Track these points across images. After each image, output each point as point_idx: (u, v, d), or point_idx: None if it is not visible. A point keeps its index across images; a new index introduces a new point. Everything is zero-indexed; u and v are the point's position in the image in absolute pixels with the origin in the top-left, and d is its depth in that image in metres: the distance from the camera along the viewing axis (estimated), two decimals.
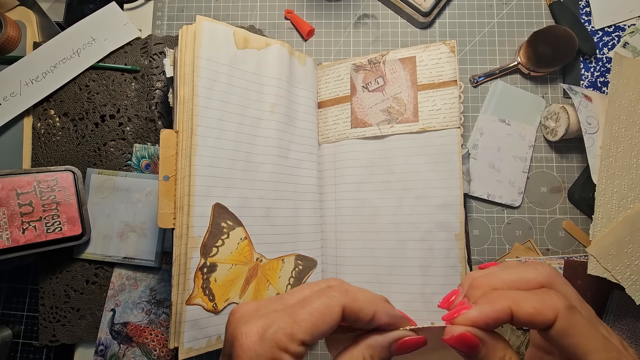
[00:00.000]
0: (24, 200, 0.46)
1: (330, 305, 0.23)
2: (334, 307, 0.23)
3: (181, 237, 0.40)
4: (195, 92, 0.42)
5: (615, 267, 0.43)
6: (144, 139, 0.52)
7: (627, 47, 0.52)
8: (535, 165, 0.52)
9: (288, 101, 0.48)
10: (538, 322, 0.21)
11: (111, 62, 0.54)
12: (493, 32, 0.54)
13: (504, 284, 0.23)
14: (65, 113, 0.53)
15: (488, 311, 0.22)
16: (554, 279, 0.23)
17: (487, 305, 0.22)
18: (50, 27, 0.54)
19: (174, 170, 0.41)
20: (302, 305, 0.23)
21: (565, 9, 0.52)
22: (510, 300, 0.21)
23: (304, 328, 0.22)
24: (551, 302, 0.21)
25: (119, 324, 0.50)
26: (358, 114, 0.50)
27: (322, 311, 0.23)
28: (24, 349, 0.51)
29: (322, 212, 0.51)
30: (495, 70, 0.53)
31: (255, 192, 0.45)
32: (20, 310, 0.52)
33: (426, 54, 0.48)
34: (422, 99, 0.48)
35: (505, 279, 0.23)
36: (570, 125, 0.47)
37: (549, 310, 0.21)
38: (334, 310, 0.23)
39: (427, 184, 0.47)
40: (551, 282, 0.23)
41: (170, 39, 0.54)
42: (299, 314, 0.23)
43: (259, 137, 0.46)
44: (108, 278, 0.51)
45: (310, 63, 0.52)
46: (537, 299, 0.21)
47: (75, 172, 0.49)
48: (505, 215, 0.51)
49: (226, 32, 0.45)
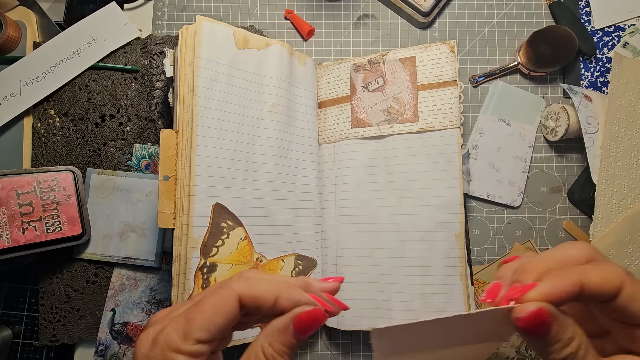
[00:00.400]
0: (24, 200, 0.46)
1: (224, 296, 0.22)
2: (228, 297, 0.22)
3: (181, 237, 0.40)
4: (195, 92, 0.42)
5: None
6: (144, 139, 0.52)
7: (627, 47, 0.52)
8: (535, 165, 0.52)
9: (288, 101, 0.48)
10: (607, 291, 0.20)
11: (111, 62, 0.54)
12: (493, 32, 0.54)
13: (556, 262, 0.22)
14: (65, 113, 0.53)
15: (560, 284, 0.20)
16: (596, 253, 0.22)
17: (557, 279, 0.20)
18: (50, 27, 0.54)
19: (174, 170, 0.41)
20: (197, 303, 0.23)
21: (565, 9, 0.52)
22: (577, 273, 0.20)
23: (197, 325, 0.22)
24: (614, 270, 0.20)
25: (119, 324, 0.50)
26: (358, 114, 0.50)
27: (215, 304, 0.22)
28: (24, 349, 0.51)
29: (322, 212, 0.51)
30: (495, 70, 0.53)
31: (255, 192, 0.45)
32: (20, 310, 0.52)
33: (426, 54, 0.48)
34: (422, 99, 0.48)
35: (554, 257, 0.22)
36: (570, 125, 0.47)
37: (615, 277, 0.20)
38: (228, 301, 0.22)
39: (427, 184, 0.47)
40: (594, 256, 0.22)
41: (170, 39, 0.54)
42: (192, 312, 0.22)
43: (259, 137, 0.46)
44: (108, 278, 0.51)
45: (310, 63, 0.52)
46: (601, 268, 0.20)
47: (75, 172, 0.49)
48: (505, 215, 0.51)
49: (226, 32, 0.45)
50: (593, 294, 0.20)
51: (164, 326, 0.22)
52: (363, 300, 0.46)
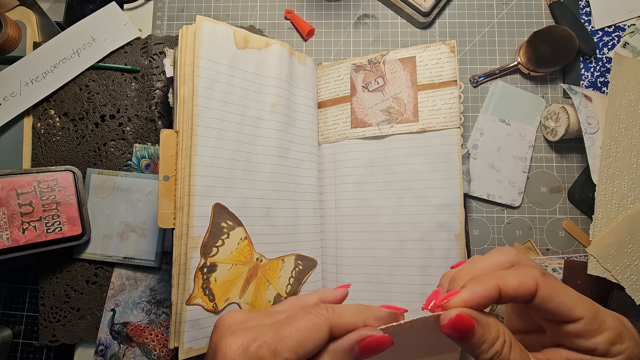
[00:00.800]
0: (24, 200, 0.46)
1: (317, 323, 0.23)
2: (321, 325, 0.23)
3: (181, 237, 0.40)
4: (195, 92, 0.42)
5: (615, 267, 0.43)
6: (144, 139, 0.52)
7: (627, 47, 0.52)
8: (535, 165, 0.52)
9: (288, 101, 0.48)
10: (523, 293, 0.22)
11: (111, 62, 0.54)
12: (493, 32, 0.54)
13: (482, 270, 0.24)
14: (65, 113, 0.53)
15: (479, 290, 0.22)
16: (520, 257, 0.24)
17: (476, 285, 0.22)
18: (50, 27, 0.54)
19: (174, 170, 0.41)
20: (289, 322, 0.23)
21: (565, 9, 0.52)
22: (496, 278, 0.22)
23: (289, 345, 0.22)
24: (530, 273, 0.22)
25: (119, 324, 0.50)
26: (358, 114, 0.50)
27: (308, 329, 0.22)
28: (24, 349, 0.51)
29: (322, 212, 0.51)
30: (495, 70, 0.53)
31: (255, 192, 0.45)
32: (20, 310, 0.52)
33: (426, 54, 0.48)
34: (422, 99, 0.48)
35: (482, 266, 0.24)
36: (570, 125, 0.47)
37: (530, 280, 0.22)
38: (321, 328, 0.23)
39: (427, 184, 0.47)
40: (518, 259, 0.24)
41: (170, 39, 0.54)
42: (285, 330, 0.22)
43: (259, 137, 0.46)
44: (108, 278, 0.51)
45: (310, 63, 0.52)
46: (517, 272, 0.22)
47: (75, 172, 0.49)
48: (505, 215, 0.51)
49: (226, 32, 0.45)
50: (510, 297, 0.22)
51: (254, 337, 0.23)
52: (363, 301, 0.46)
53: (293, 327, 0.23)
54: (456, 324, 0.21)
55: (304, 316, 0.23)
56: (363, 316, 0.24)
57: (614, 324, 0.22)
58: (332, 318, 0.23)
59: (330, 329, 0.23)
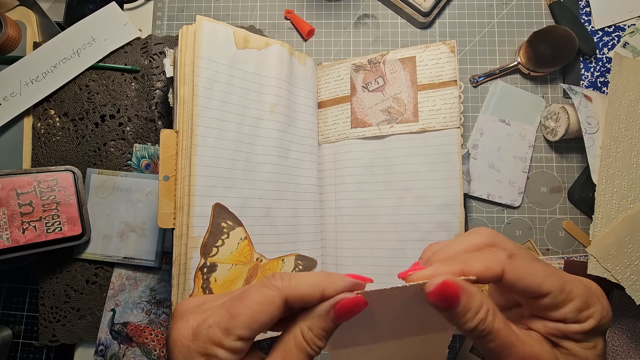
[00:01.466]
0: (24, 200, 0.46)
1: (269, 295, 0.22)
2: (273, 297, 0.22)
3: (181, 237, 0.40)
4: (195, 92, 0.42)
5: (615, 267, 0.43)
6: (144, 139, 0.52)
7: (627, 47, 0.52)
8: (535, 165, 0.52)
9: (288, 101, 0.48)
10: (488, 277, 0.22)
11: (111, 62, 0.54)
12: (493, 32, 0.54)
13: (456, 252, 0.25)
14: (65, 113, 0.53)
15: (441, 270, 0.22)
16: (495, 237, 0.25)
17: (440, 266, 0.23)
18: (50, 27, 0.54)
19: (174, 170, 0.41)
20: (241, 298, 0.23)
21: (565, 9, 0.52)
22: (461, 262, 0.23)
23: (241, 322, 0.22)
24: (496, 257, 0.23)
25: (119, 324, 0.50)
26: (358, 114, 0.50)
27: (260, 302, 0.22)
28: (24, 349, 0.51)
29: (322, 212, 0.51)
30: (495, 70, 0.53)
31: (255, 192, 0.45)
32: (20, 310, 0.52)
33: (426, 54, 0.48)
34: (422, 99, 0.48)
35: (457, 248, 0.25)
36: (570, 125, 0.47)
37: (495, 264, 0.22)
38: (273, 301, 0.22)
39: (427, 184, 0.47)
40: (494, 240, 0.25)
41: (170, 39, 0.54)
42: (236, 307, 0.22)
43: (259, 137, 0.46)
44: (108, 278, 0.51)
45: (310, 63, 0.52)
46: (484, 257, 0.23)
47: (75, 172, 0.49)
48: (505, 215, 0.51)
49: (226, 32, 0.45)
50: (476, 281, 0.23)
51: (204, 318, 0.22)
52: None
53: (244, 303, 0.22)
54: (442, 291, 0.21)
55: (256, 290, 0.23)
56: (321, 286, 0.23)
57: (579, 292, 0.23)
58: (287, 289, 0.22)
59: (285, 300, 0.22)
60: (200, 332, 0.22)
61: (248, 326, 0.22)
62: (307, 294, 0.23)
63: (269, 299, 0.22)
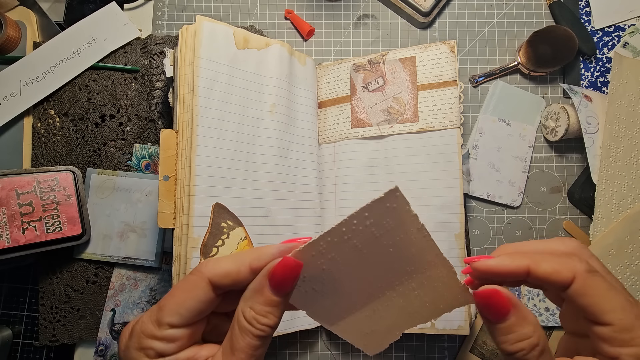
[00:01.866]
0: (24, 200, 0.46)
1: (192, 280, 0.23)
2: (196, 281, 0.23)
3: (181, 237, 0.40)
4: (195, 92, 0.42)
5: (615, 267, 0.43)
6: (144, 139, 0.52)
7: (627, 47, 0.52)
8: (535, 165, 0.52)
9: (288, 101, 0.48)
10: (554, 281, 0.21)
11: (111, 62, 0.54)
12: (493, 32, 0.54)
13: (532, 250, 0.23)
14: (65, 113, 0.53)
15: (506, 263, 0.22)
16: (580, 250, 0.23)
17: (506, 258, 0.22)
18: (50, 27, 0.54)
19: (174, 170, 0.41)
20: (169, 292, 0.23)
21: (565, 9, 0.52)
22: (530, 260, 0.22)
23: (168, 311, 0.22)
24: (571, 264, 0.21)
25: (119, 324, 0.50)
26: (358, 114, 0.50)
27: (184, 289, 0.23)
28: (24, 349, 0.51)
29: (322, 212, 0.51)
30: (495, 70, 0.53)
31: (255, 192, 0.45)
32: (20, 310, 0.52)
33: (426, 54, 0.48)
34: (422, 99, 0.48)
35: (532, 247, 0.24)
36: (570, 125, 0.47)
37: (567, 271, 0.21)
38: (198, 284, 0.22)
39: (427, 184, 0.47)
40: (578, 252, 0.23)
41: (170, 39, 0.54)
42: (163, 300, 0.23)
43: (259, 137, 0.46)
44: (108, 278, 0.51)
45: (310, 63, 0.52)
46: (558, 261, 0.22)
47: (75, 172, 0.49)
48: (505, 215, 0.51)
49: (226, 32, 0.45)
50: (540, 280, 0.21)
51: (139, 317, 0.23)
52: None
53: (170, 293, 0.23)
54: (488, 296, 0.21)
55: (182, 280, 0.23)
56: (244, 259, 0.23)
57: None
58: (208, 270, 0.23)
59: (209, 281, 0.22)
60: (135, 329, 0.23)
61: (176, 312, 0.22)
62: (230, 269, 0.22)
63: (192, 284, 0.23)
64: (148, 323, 0.22)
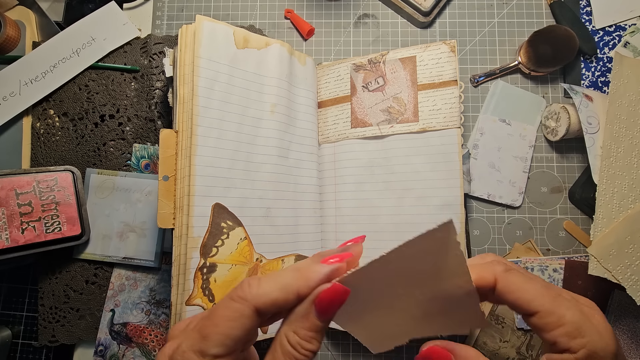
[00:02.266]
0: (23, 200, 0.46)
1: (237, 309, 0.22)
2: (242, 310, 0.22)
3: (181, 237, 0.40)
4: (195, 92, 0.42)
5: (615, 268, 0.42)
6: (143, 139, 0.52)
7: (627, 46, 0.52)
8: (535, 165, 0.52)
9: (288, 101, 0.48)
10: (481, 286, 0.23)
11: (111, 61, 0.53)
12: (493, 31, 0.54)
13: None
14: (65, 113, 0.53)
15: None
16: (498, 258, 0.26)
17: None
18: (49, 26, 0.54)
19: (173, 170, 0.41)
20: (210, 317, 0.22)
21: (566, 8, 0.52)
22: None
23: (213, 341, 0.21)
24: (491, 268, 0.24)
25: (119, 324, 0.50)
26: (358, 114, 0.50)
27: (229, 318, 0.21)
28: (23, 349, 0.51)
29: (322, 212, 0.50)
30: (496, 70, 0.53)
31: (255, 192, 0.45)
32: (19, 310, 0.52)
33: (426, 54, 0.48)
34: (422, 98, 0.48)
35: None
36: (571, 125, 0.47)
37: (488, 274, 0.23)
38: (243, 314, 0.21)
39: (427, 184, 0.46)
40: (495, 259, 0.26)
41: (170, 38, 0.54)
42: (206, 328, 0.22)
43: (259, 137, 0.46)
44: (108, 278, 0.51)
45: (310, 63, 0.52)
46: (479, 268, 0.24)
47: (75, 172, 0.49)
48: (505, 215, 0.51)
49: (226, 32, 0.44)
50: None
51: (179, 343, 0.22)
52: None
53: (213, 321, 0.22)
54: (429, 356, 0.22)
55: (224, 305, 0.22)
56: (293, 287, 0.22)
57: (572, 318, 0.22)
58: (254, 299, 0.22)
59: (255, 309, 0.22)
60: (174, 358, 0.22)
61: (221, 343, 0.21)
62: (278, 299, 0.22)
63: (237, 313, 0.21)
64: (190, 353, 0.21)
